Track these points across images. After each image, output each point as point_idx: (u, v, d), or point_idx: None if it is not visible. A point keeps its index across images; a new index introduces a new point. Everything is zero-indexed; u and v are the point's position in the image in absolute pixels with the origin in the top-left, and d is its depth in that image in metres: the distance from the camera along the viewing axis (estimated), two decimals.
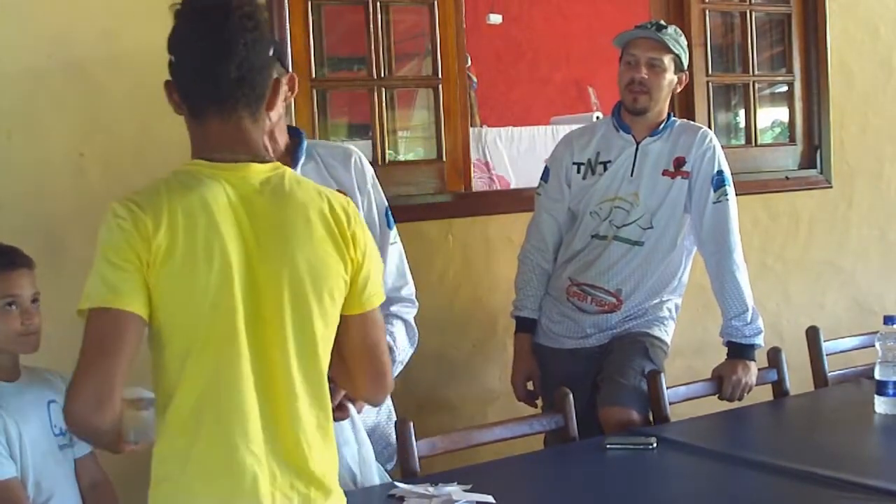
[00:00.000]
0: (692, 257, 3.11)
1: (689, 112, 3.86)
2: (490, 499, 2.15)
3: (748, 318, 2.95)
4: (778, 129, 4.40)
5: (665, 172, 3.00)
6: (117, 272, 1.53)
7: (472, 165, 3.67)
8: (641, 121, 3.02)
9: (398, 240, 2.51)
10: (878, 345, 2.73)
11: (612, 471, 2.47)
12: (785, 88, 4.28)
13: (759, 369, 3.00)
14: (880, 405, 2.72)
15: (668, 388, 2.82)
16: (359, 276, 1.69)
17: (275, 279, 1.60)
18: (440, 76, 3.51)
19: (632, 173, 3.00)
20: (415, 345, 2.51)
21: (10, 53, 2.69)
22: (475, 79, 6.50)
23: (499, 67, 7.76)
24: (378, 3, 3.39)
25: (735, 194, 3.02)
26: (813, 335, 3.20)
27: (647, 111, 3.00)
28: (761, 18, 4.25)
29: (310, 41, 3.28)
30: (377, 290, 1.73)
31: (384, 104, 3.47)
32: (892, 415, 2.70)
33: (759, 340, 2.98)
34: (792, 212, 4.17)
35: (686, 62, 3.05)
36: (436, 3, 3.47)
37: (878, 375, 2.73)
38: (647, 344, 2.95)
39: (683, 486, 2.41)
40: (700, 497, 2.33)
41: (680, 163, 3.00)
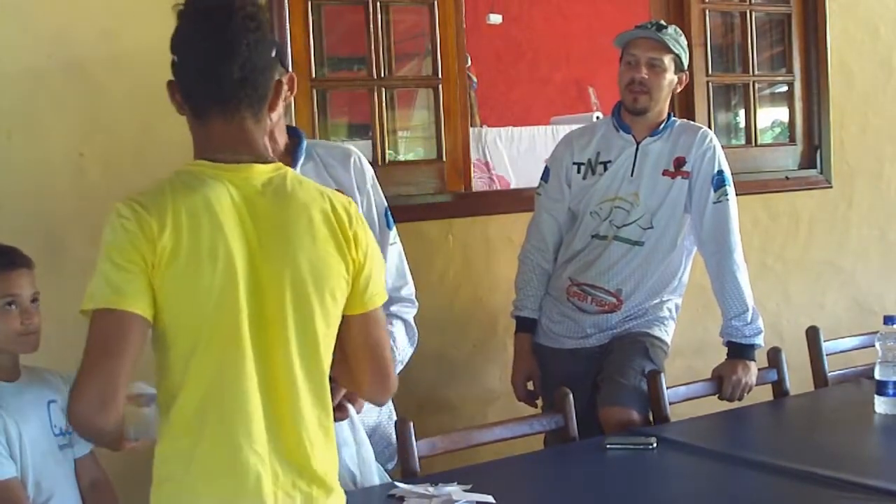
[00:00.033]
0: (692, 257, 3.11)
1: (689, 112, 3.86)
2: (490, 499, 2.15)
3: (748, 318, 2.95)
4: (778, 129, 4.40)
5: (665, 172, 3.00)
6: (121, 273, 1.53)
7: (472, 165, 3.67)
8: (641, 121, 3.02)
9: (398, 240, 2.51)
10: (878, 345, 2.73)
11: (612, 471, 2.47)
12: (785, 88, 4.28)
13: (759, 369, 2.99)
14: (880, 405, 2.72)
15: (668, 388, 2.82)
16: (360, 275, 1.69)
17: (277, 279, 1.60)
18: (440, 76, 3.51)
19: (632, 173, 3.00)
20: (415, 345, 2.51)
21: (10, 53, 2.69)
22: (475, 79, 6.49)
23: (499, 67, 7.75)
24: (378, 3, 3.39)
25: (735, 194, 3.02)
26: (813, 335, 3.20)
27: (647, 111, 3.00)
28: (761, 18, 4.25)
29: (310, 41, 3.28)
30: (379, 289, 1.74)
31: (384, 104, 3.46)
32: (892, 415, 2.69)
33: (760, 340, 2.98)
34: (792, 212, 4.17)
35: (686, 62, 3.05)
36: (436, 3, 3.47)
37: (878, 375, 2.73)
38: (648, 344, 2.95)
39: (683, 486, 2.41)
40: (700, 497, 2.32)
41: (680, 163, 3.00)
